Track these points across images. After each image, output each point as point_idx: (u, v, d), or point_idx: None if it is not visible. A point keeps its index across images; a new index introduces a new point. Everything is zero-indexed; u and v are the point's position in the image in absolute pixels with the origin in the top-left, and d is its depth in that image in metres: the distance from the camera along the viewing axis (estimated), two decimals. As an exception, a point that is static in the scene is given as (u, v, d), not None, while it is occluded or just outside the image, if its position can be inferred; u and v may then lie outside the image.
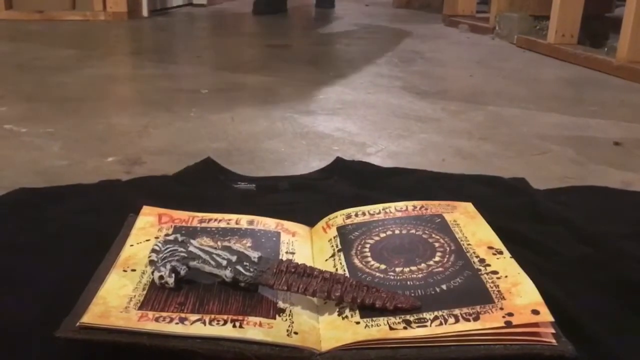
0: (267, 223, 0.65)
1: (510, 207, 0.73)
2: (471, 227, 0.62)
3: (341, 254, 0.59)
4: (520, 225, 0.67)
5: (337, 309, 0.50)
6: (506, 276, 0.52)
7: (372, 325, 0.47)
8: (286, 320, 0.48)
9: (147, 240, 0.59)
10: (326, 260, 0.59)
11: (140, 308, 0.48)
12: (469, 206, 0.66)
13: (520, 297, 0.48)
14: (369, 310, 0.49)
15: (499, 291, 0.50)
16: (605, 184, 0.83)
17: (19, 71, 1.65)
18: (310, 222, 0.67)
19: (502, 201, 0.74)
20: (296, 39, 2.53)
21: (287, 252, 0.59)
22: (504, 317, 0.46)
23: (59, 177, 0.85)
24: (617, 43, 1.73)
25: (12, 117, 1.17)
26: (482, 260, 0.55)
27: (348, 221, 0.65)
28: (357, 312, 0.49)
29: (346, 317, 0.49)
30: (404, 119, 1.22)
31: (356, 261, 0.57)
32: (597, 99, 1.46)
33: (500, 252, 0.56)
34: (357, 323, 0.48)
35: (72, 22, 2.67)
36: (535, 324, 0.46)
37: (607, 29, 2.17)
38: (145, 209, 0.66)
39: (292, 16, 3.07)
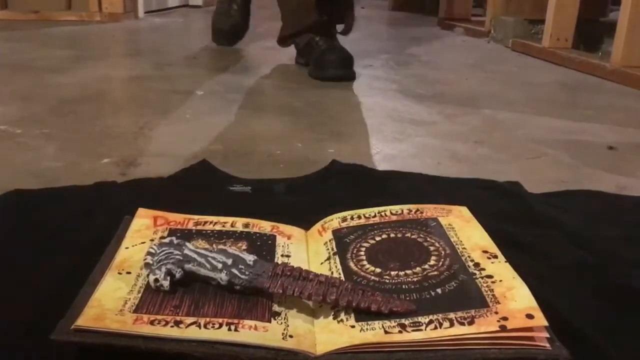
0: (263, 226, 0.65)
1: (505, 210, 0.73)
2: (466, 231, 0.62)
3: (336, 257, 0.59)
4: (514, 229, 0.67)
5: (333, 313, 0.50)
6: (501, 280, 0.52)
7: (367, 328, 0.47)
8: (281, 323, 0.48)
9: (142, 243, 0.59)
10: (322, 263, 0.59)
11: (135, 311, 0.48)
12: (463, 210, 0.66)
13: (514, 301, 0.49)
14: (364, 314, 0.49)
15: (493, 295, 0.50)
16: (600, 188, 0.84)
17: (14, 71, 1.65)
18: (306, 225, 0.67)
19: (496, 205, 0.75)
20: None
21: (282, 255, 0.59)
22: (498, 321, 0.46)
23: (54, 178, 0.84)
24: (612, 47, 1.74)
25: (7, 118, 1.16)
26: (477, 265, 0.55)
27: (344, 224, 0.65)
28: (353, 315, 0.49)
29: (341, 320, 0.49)
30: (399, 122, 1.23)
31: (351, 264, 0.57)
32: (591, 103, 1.46)
33: (495, 256, 0.56)
34: (353, 327, 0.48)
35: (67, 23, 2.66)
36: (530, 329, 0.46)
37: (602, 33, 2.18)
38: (141, 211, 0.66)
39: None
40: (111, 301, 0.49)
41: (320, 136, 1.11)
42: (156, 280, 0.51)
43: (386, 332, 0.47)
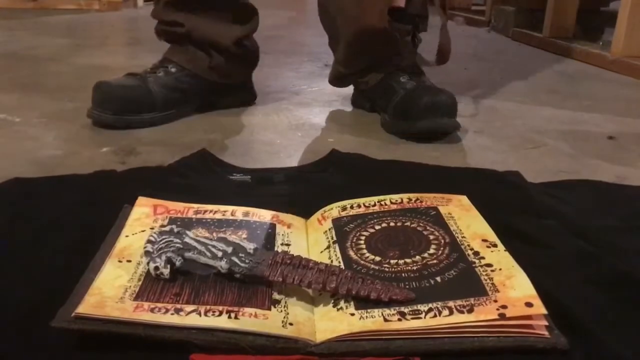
0: (263, 215, 0.65)
1: (505, 200, 0.73)
2: (466, 219, 0.62)
3: (336, 245, 0.59)
4: (514, 219, 0.67)
5: (332, 301, 0.50)
6: (500, 269, 0.52)
7: (366, 316, 0.48)
8: (281, 311, 0.49)
9: (142, 231, 0.59)
10: (321, 252, 0.59)
11: (135, 299, 0.49)
12: (463, 199, 0.67)
13: (514, 289, 0.49)
14: (363, 302, 0.49)
15: (492, 284, 0.50)
16: (599, 178, 0.84)
17: (13, 60, 1.64)
18: (306, 214, 0.67)
19: (496, 194, 0.74)
20: (290, 29, 2.52)
21: (282, 244, 0.59)
22: (497, 309, 0.47)
23: (54, 167, 0.84)
24: (612, 37, 1.73)
25: (6, 106, 1.16)
26: (476, 253, 0.55)
27: (343, 213, 0.65)
28: (352, 303, 0.49)
29: (341, 308, 0.49)
30: (399, 112, 1.22)
31: (351, 253, 0.58)
32: (591, 93, 1.46)
33: (495, 245, 0.56)
34: (352, 314, 0.48)
35: (66, 11, 2.65)
36: (529, 317, 0.46)
37: (603, 23, 2.17)
38: (141, 199, 0.66)
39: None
40: (111, 289, 0.49)
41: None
42: (156, 268, 0.51)
43: (385, 320, 0.47)
